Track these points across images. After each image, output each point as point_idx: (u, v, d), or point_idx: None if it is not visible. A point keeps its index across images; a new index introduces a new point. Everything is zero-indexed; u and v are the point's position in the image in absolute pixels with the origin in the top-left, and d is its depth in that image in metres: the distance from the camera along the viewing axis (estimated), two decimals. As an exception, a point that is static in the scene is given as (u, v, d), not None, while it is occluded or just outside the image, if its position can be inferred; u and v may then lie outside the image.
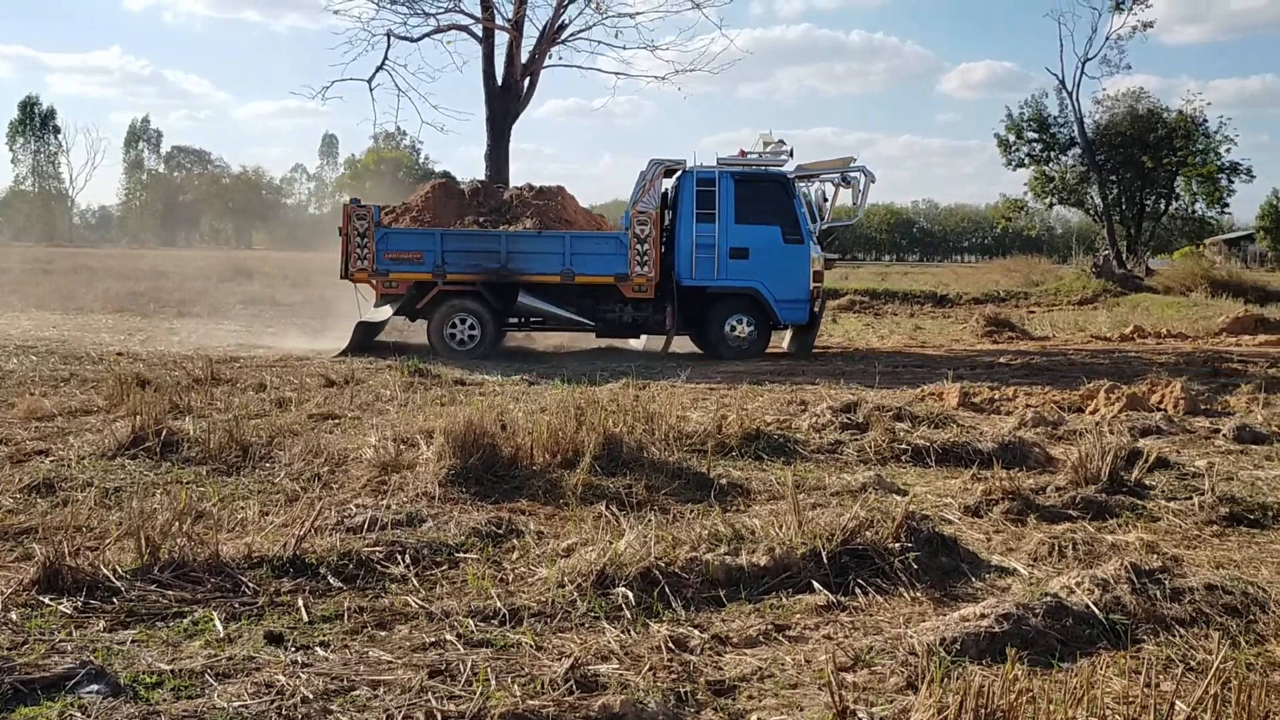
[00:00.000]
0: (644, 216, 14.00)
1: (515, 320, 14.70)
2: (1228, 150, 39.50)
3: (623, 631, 3.77)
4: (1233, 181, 40.13)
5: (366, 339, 14.22)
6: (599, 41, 22.00)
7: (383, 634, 3.78)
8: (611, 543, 4.41)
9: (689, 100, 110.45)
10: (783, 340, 15.61)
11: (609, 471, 5.93)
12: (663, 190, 14.69)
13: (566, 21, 19.82)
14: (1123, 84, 61.57)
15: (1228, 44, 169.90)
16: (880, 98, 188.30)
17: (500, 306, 14.17)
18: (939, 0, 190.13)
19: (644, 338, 15.56)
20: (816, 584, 4.25)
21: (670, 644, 3.64)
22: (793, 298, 14.35)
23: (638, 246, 13.96)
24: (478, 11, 19.72)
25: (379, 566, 4.45)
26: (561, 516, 5.24)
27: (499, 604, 3.99)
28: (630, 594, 4.02)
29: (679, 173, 14.56)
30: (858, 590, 4.26)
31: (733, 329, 14.41)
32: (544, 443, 6.13)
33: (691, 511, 5.26)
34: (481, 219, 14.61)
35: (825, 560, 4.40)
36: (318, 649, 3.60)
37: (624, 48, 22.61)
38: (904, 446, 7.13)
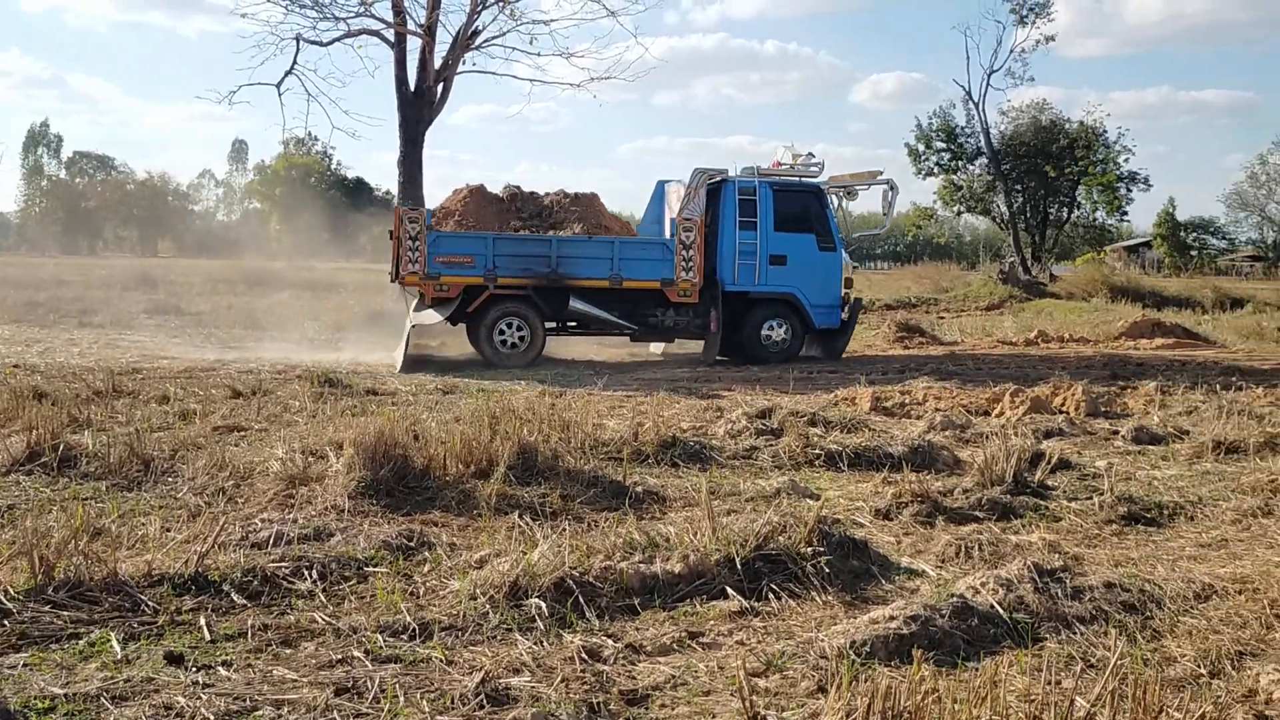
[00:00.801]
0: (689, 223, 14.38)
1: (555, 325, 14.71)
2: (1126, 160, 41.06)
3: (535, 643, 3.73)
4: (1131, 190, 41.66)
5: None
6: (513, 48, 21.98)
7: (288, 652, 3.69)
8: (525, 553, 4.38)
9: (606, 107, 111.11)
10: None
11: (524, 481, 5.88)
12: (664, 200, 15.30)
13: (480, 27, 19.76)
14: (1026, 96, 63.32)
15: (1126, 57, 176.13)
16: (794, 107, 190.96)
17: (549, 311, 14.25)
18: (850, 12, 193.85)
19: (662, 344, 16.02)
20: (730, 590, 4.28)
21: (583, 654, 3.62)
22: (826, 303, 15.04)
23: (683, 252, 14.32)
24: (389, 16, 19.54)
25: (285, 582, 4.34)
26: (475, 527, 5.18)
27: (409, 618, 3.92)
28: (543, 605, 3.99)
29: (721, 181, 14.93)
30: (771, 595, 4.29)
31: (770, 333, 14.89)
32: (457, 453, 6.05)
33: (607, 520, 5.25)
34: (525, 224, 14.75)
35: (739, 566, 4.42)
36: (220, 668, 3.50)
37: (538, 54, 22.52)
38: (817, 451, 7.22)
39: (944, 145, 42.25)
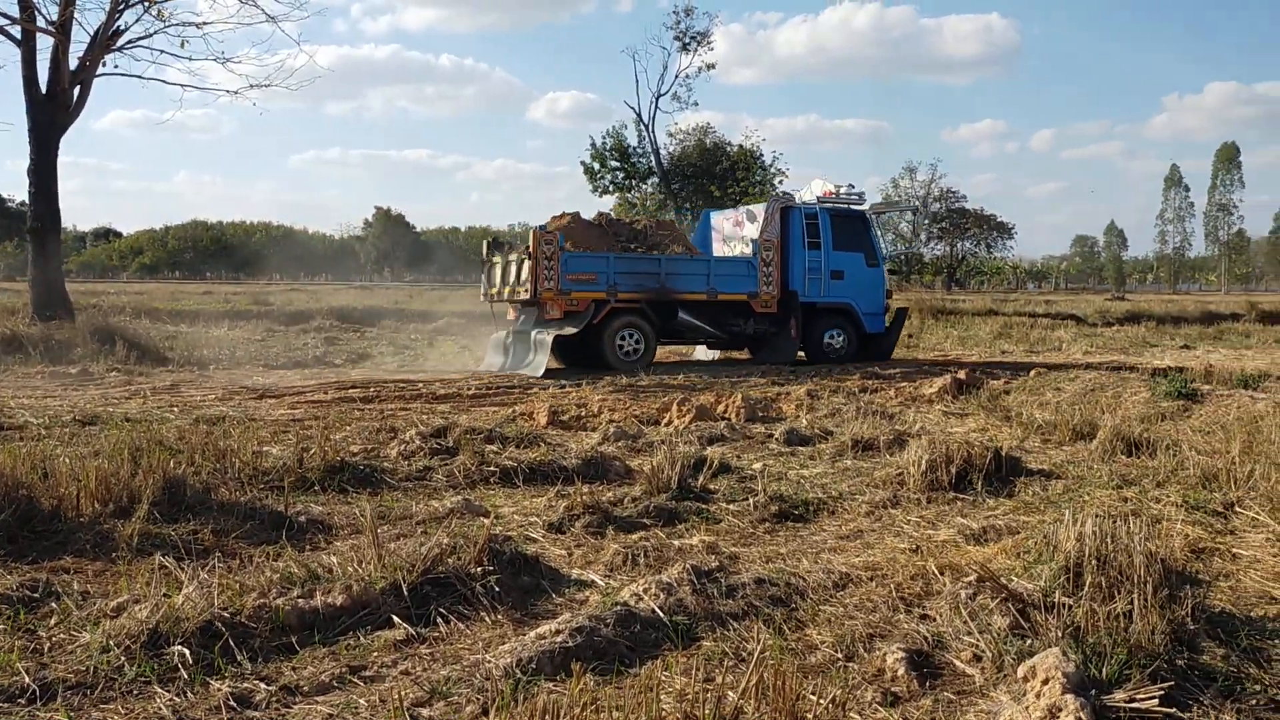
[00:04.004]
0: (769, 244, 17.06)
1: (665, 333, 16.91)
2: (780, 181, 44.39)
3: (177, 694, 3.44)
4: (786, 210, 45.07)
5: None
6: (161, 50, 20.45)
7: (-128, 735, 3.18)
8: (168, 596, 4.03)
9: (275, 116, 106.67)
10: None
11: (171, 518, 5.42)
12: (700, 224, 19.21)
13: (123, 27, 18.23)
14: (692, 119, 66.73)
15: (779, 86, 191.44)
16: (473, 121, 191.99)
17: (659, 321, 16.42)
18: (524, 30, 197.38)
19: (705, 349, 18.90)
20: (396, 618, 4.14)
21: (231, 701, 3.38)
22: (874, 311, 17.93)
23: (764, 269, 16.93)
24: (15, 11, 17.60)
25: (-128, 654, 3.75)
26: (113, 572, 4.72)
27: (28, 679, 3.49)
28: (187, 652, 3.68)
29: (788, 207, 17.68)
30: (439, 620, 4.20)
31: (831, 339, 17.70)
32: (93, 491, 5.49)
33: (263, 554, 4.94)
34: (624, 246, 16.88)
35: (406, 592, 4.30)
36: None
37: (190, 59, 20.87)
38: (493, 468, 7.20)
39: (618, 164, 43.88)
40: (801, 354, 17.74)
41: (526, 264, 15.71)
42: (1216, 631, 3.95)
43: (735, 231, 18.28)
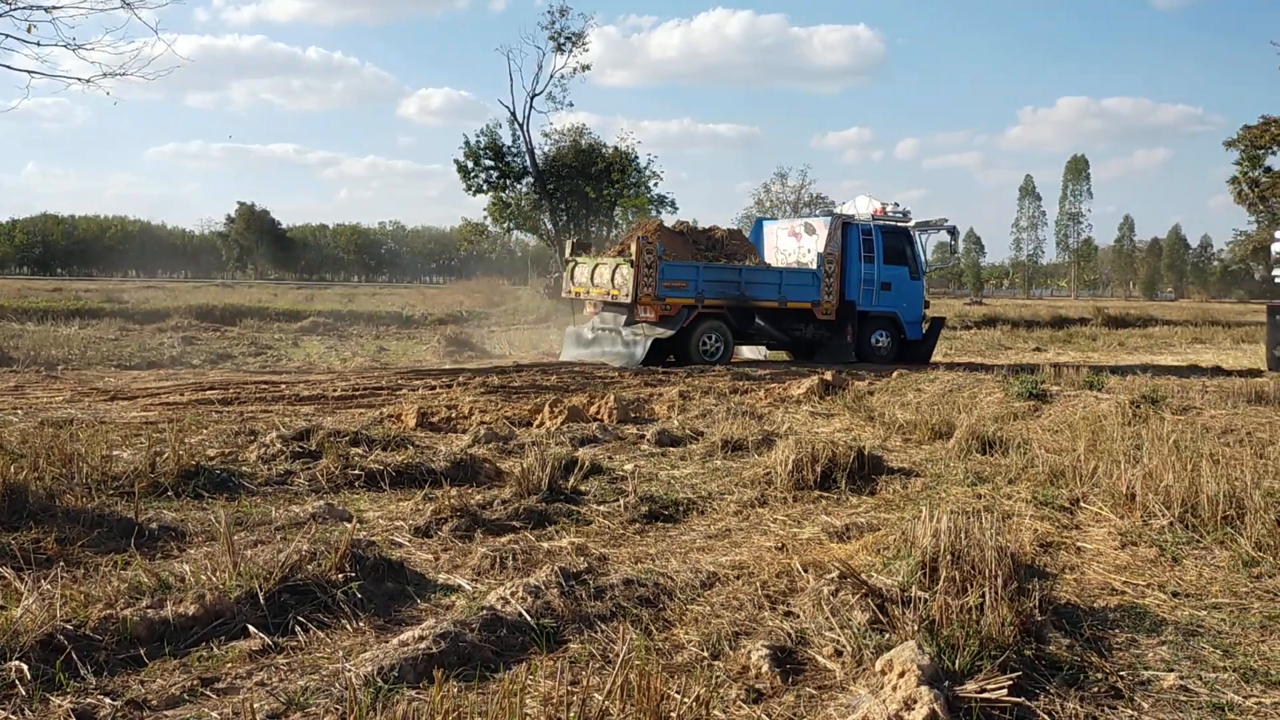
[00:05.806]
0: (830, 257, 18.65)
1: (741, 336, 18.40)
2: (655, 184, 44.71)
3: (14, 711, 3.24)
4: (661, 212, 45.40)
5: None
6: (6, 35, 19.32)
7: None
8: (5, 609, 3.80)
9: (131, 107, 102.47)
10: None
11: (11, 526, 5.12)
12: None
13: (-36, 8, 17.14)
14: (567, 120, 66.66)
15: (653, 89, 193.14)
16: (342, 117, 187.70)
17: (738, 326, 17.95)
18: (394, 25, 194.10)
19: (758, 349, 20.00)
20: (252, 628, 4.00)
21: (74, 718, 3.20)
22: (915, 319, 19.72)
23: (826, 280, 18.59)
24: None
25: None
26: (-57, 585, 4.43)
27: None
28: (25, 667, 3.48)
29: (845, 225, 19.10)
30: (298, 629, 4.07)
31: (877, 342, 19.35)
32: (-77, 499, 5.15)
33: (110, 563, 4.71)
34: (704, 255, 18.29)
35: (263, 601, 4.16)
36: None
37: (39, 44, 19.76)
38: (358, 472, 7.03)
39: (492, 164, 43.40)
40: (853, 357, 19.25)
41: (623, 268, 17.18)
42: (1062, 622, 4.14)
43: (791, 243, 19.80)
